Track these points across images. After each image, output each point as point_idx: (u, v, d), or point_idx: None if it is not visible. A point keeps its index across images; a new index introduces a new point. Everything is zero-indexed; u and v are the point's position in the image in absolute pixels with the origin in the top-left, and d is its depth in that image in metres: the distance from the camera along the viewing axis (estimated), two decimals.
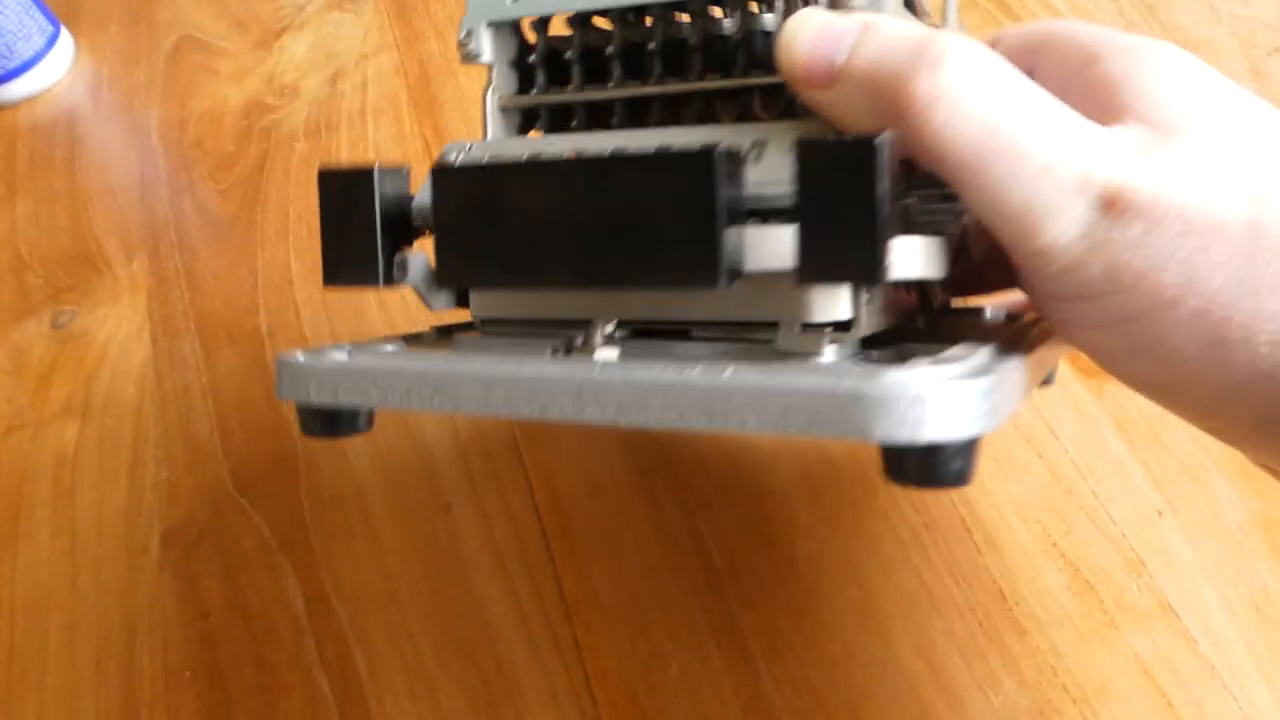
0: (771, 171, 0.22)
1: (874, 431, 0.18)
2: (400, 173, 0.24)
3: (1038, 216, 0.19)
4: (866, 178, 0.19)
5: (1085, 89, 0.21)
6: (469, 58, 0.26)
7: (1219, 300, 0.19)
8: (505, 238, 0.22)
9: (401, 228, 0.24)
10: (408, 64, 0.54)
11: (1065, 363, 0.36)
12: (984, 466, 0.35)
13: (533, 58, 0.26)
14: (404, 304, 0.44)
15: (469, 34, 0.26)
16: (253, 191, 0.51)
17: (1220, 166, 0.19)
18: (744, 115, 0.24)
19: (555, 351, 0.23)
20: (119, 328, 0.47)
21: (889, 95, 0.20)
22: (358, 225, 0.24)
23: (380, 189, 0.23)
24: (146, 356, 0.46)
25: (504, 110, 0.26)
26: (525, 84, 0.27)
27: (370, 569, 0.37)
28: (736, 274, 0.20)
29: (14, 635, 0.39)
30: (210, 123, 0.55)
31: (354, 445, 0.41)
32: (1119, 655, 0.31)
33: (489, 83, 0.26)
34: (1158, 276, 0.19)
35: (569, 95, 0.26)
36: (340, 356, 0.24)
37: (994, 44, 0.24)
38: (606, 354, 0.23)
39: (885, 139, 0.19)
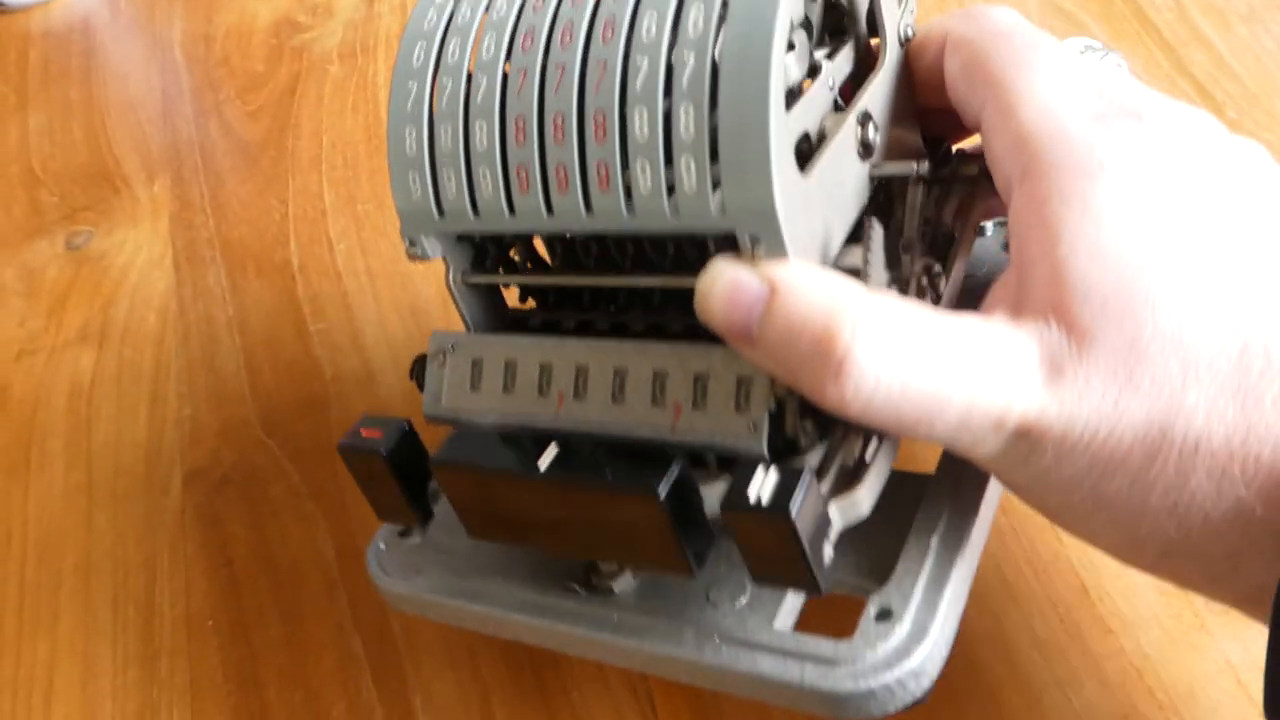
0: (717, 421, 0.24)
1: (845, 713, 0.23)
2: (410, 437, 0.27)
3: (966, 446, 0.21)
4: (790, 539, 0.21)
5: (1015, 222, 0.22)
6: (417, 259, 0.28)
7: (1125, 515, 0.21)
8: (507, 517, 0.26)
9: (425, 474, 0.28)
10: None
11: None
12: None
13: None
14: None
15: (411, 242, 0.27)
16: (283, 115, 0.48)
17: (1131, 385, 0.20)
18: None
19: (579, 588, 0.27)
20: (139, 253, 0.45)
21: (803, 382, 0.21)
22: (385, 489, 0.28)
23: (394, 463, 0.27)
24: (169, 285, 0.44)
25: (470, 286, 0.28)
26: (480, 255, 0.28)
27: None
28: (705, 554, 0.23)
29: (25, 571, 0.37)
30: (238, 39, 0.52)
31: (390, 389, 0.39)
32: (1209, 661, 0.29)
33: (446, 269, 0.28)
34: (1070, 493, 0.21)
35: (522, 279, 0.28)
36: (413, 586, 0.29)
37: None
38: (623, 586, 0.27)
39: (797, 505, 0.21)
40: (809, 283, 0.21)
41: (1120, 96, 0.22)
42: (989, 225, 0.31)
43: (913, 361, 0.20)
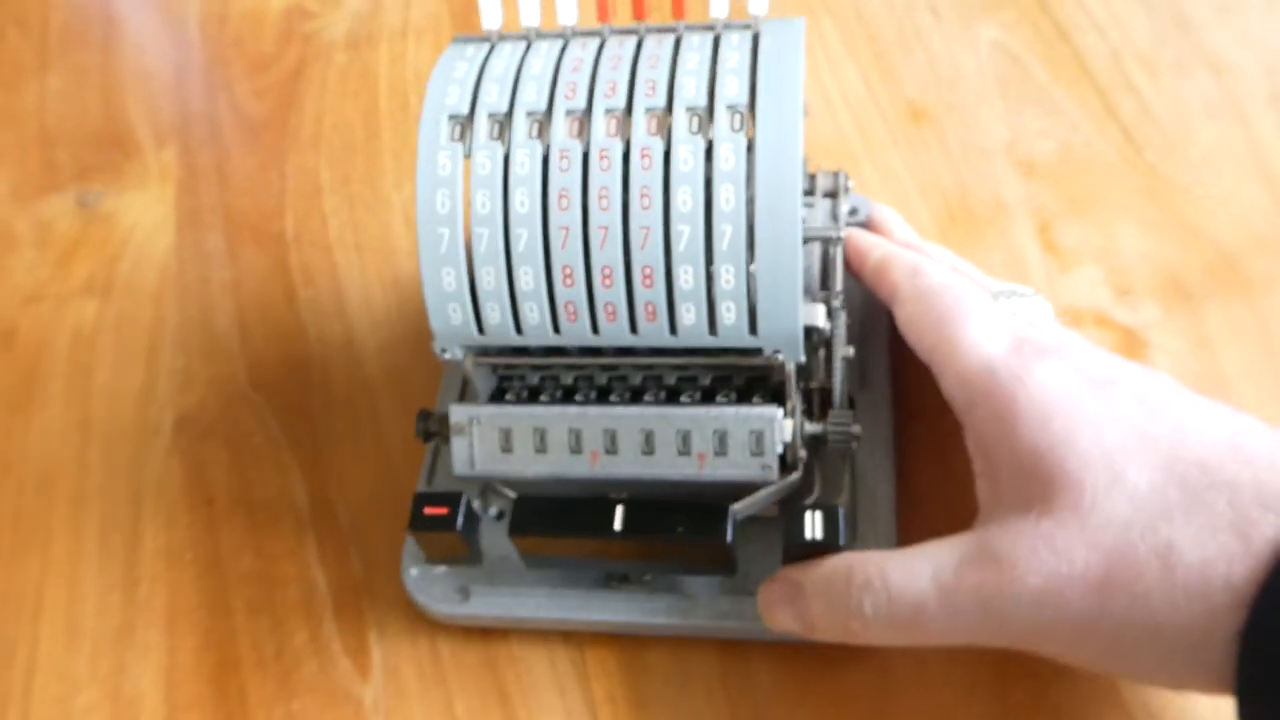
0: (736, 464, 0.29)
1: None
2: (469, 508, 0.31)
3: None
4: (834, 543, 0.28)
5: (972, 443, 0.28)
6: (447, 361, 0.31)
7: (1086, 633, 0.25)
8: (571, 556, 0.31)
9: (476, 523, 0.32)
10: None
11: None
12: None
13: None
14: None
15: (444, 350, 0.31)
16: (288, 96, 0.51)
17: (1086, 532, 0.24)
18: (706, 393, 0.31)
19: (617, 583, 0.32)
20: (145, 214, 0.48)
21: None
22: (453, 548, 0.32)
23: (465, 532, 0.31)
24: (170, 246, 0.47)
25: (478, 366, 0.32)
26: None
27: (375, 477, 0.39)
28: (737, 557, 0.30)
29: (22, 497, 0.40)
30: (251, 22, 0.55)
31: (368, 354, 0.42)
32: None
33: (465, 354, 0.31)
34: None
35: (538, 363, 0.31)
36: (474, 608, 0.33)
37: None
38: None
39: (844, 538, 0.28)
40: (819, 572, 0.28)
41: (1034, 338, 0.28)
42: None
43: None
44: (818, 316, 0.30)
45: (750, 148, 0.26)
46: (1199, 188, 0.41)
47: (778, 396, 0.30)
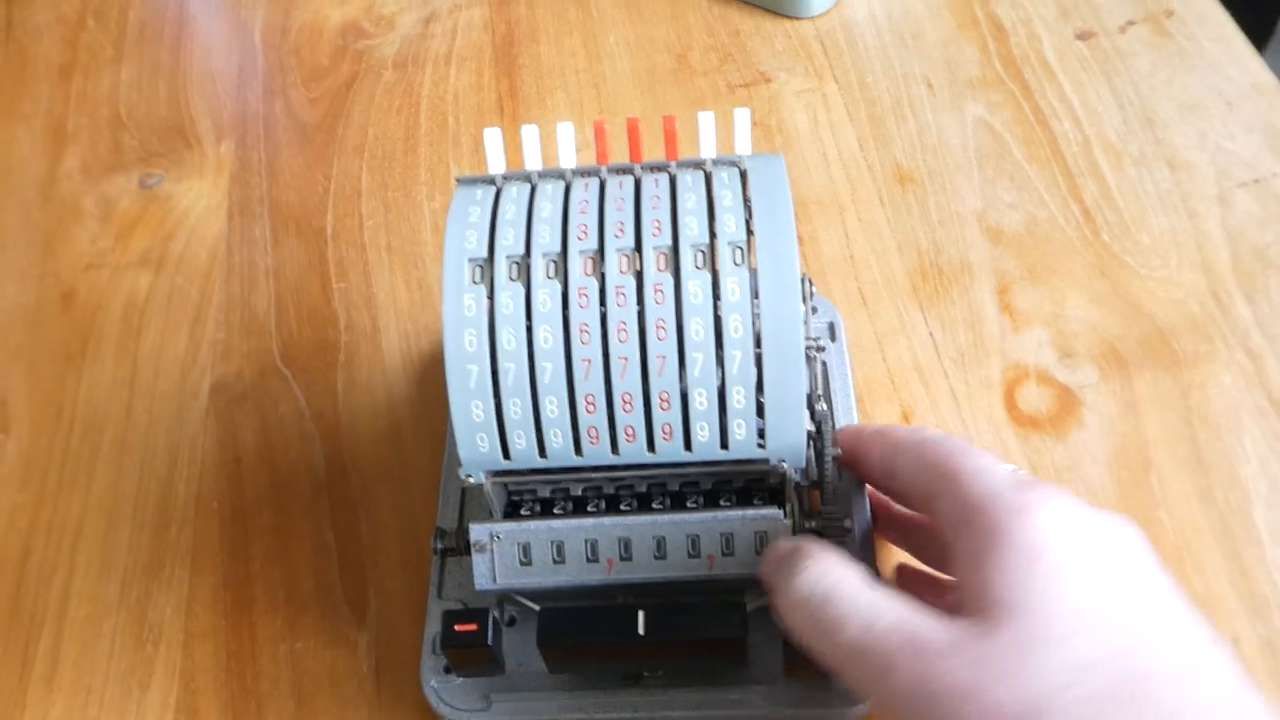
0: (744, 562, 0.33)
1: None
2: (496, 623, 0.34)
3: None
4: None
5: (960, 556, 0.28)
6: (472, 485, 0.33)
7: None
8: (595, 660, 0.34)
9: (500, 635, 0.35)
10: (496, 22, 0.60)
11: (1003, 410, 0.43)
12: None
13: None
14: None
15: (469, 475, 0.32)
16: (338, 106, 0.56)
17: (1022, 667, 0.25)
18: (709, 495, 0.34)
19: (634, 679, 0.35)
20: (200, 199, 0.53)
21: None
22: (481, 660, 0.34)
23: (493, 646, 0.33)
24: (221, 230, 0.52)
25: (494, 485, 0.33)
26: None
27: (387, 452, 0.44)
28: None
29: (70, 440, 0.45)
30: (310, 35, 0.60)
31: (390, 344, 0.47)
32: None
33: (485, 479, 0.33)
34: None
35: (551, 478, 0.33)
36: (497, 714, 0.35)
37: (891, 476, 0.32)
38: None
39: None
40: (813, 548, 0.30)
41: (1039, 483, 0.29)
42: None
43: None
44: (812, 425, 0.33)
45: (753, 281, 0.31)
46: (1145, 269, 0.46)
47: (775, 496, 0.33)
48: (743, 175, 0.33)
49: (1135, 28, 0.55)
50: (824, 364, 0.42)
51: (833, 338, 0.44)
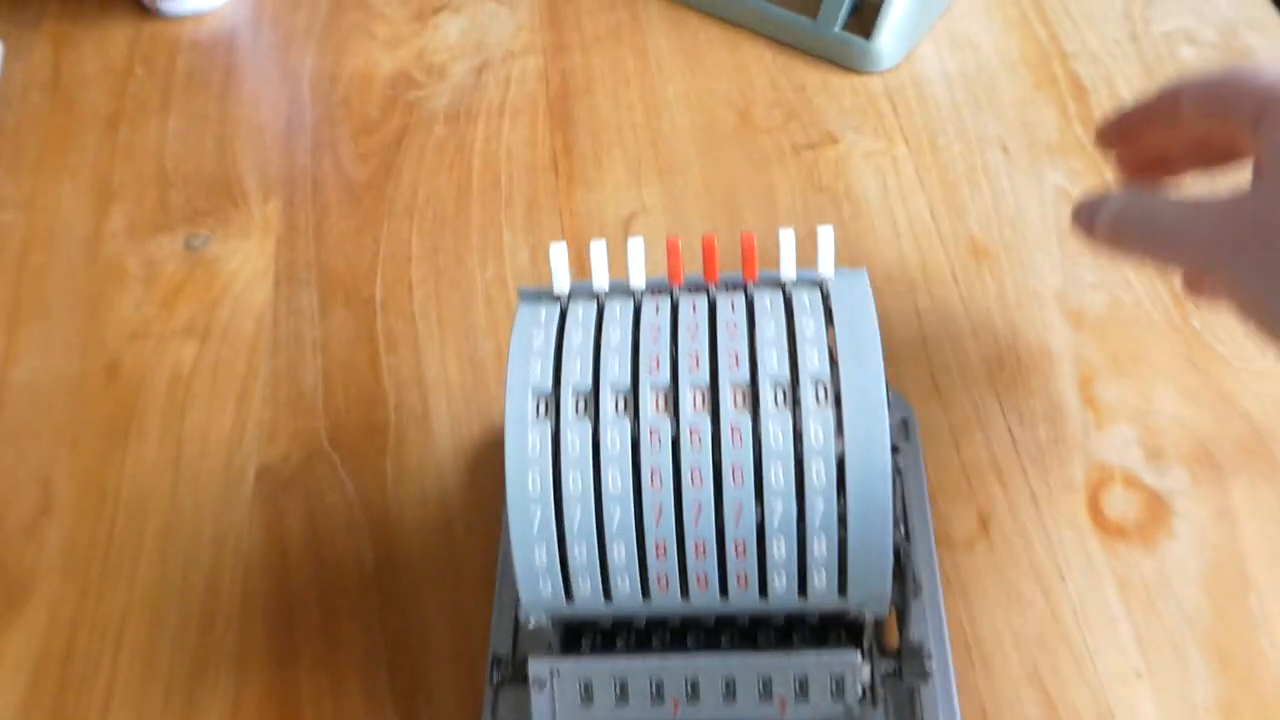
0: (818, 708, 0.31)
1: None
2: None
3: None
4: None
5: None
6: (529, 625, 0.31)
7: None
8: None
9: None
10: (551, 72, 0.58)
11: (1087, 517, 0.40)
12: (993, 592, 0.39)
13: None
14: (505, 303, 0.49)
15: (529, 617, 0.31)
16: (388, 163, 0.55)
17: None
18: (781, 632, 0.32)
19: None
20: (247, 263, 0.52)
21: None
22: None
23: None
24: (268, 298, 0.50)
25: (552, 621, 0.32)
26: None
27: (438, 546, 0.42)
28: None
29: (115, 526, 0.44)
30: (359, 85, 0.59)
31: (441, 428, 0.45)
32: None
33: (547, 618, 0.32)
34: None
35: (616, 613, 0.31)
36: None
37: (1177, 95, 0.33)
38: None
39: None
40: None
41: None
42: None
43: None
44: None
45: (837, 421, 0.28)
46: (1239, 360, 0.43)
47: (853, 633, 0.32)
48: (824, 297, 0.31)
49: None
50: (899, 470, 0.39)
51: (906, 436, 0.41)
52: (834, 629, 0.32)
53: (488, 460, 0.44)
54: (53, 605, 0.42)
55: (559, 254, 0.32)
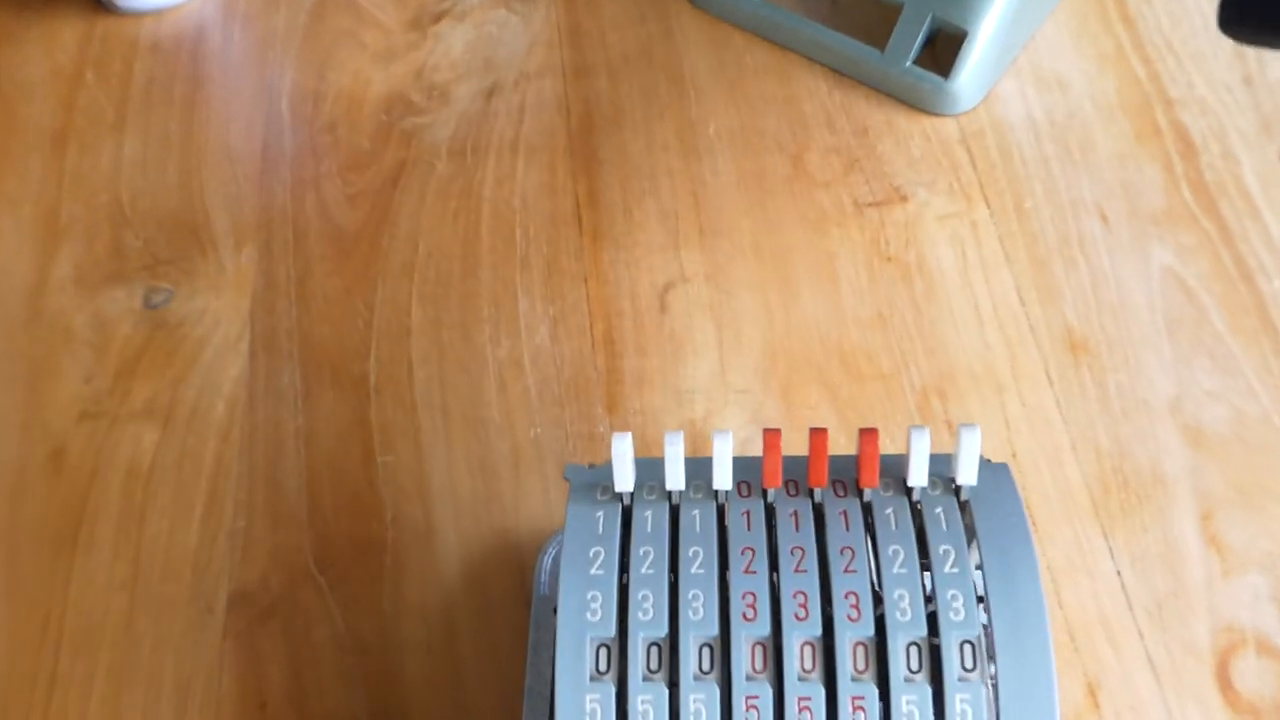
0: None
1: None
2: None
3: None
4: None
5: None
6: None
7: None
8: None
9: None
10: (572, 100, 0.50)
11: (1215, 690, 0.34)
12: None
13: None
14: (522, 392, 0.42)
15: None
16: (382, 207, 0.47)
17: None
18: None
19: None
20: (217, 328, 0.44)
21: None
22: None
23: None
24: (242, 373, 0.43)
25: None
26: None
27: (445, 700, 0.36)
28: None
29: (59, 663, 0.37)
30: (348, 107, 0.51)
31: (448, 550, 0.38)
32: None
33: None
34: None
35: None
36: None
37: None
38: None
39: None
40: None
41: None
42: None
43: None
44: None
45: (991, 695, 0.22)
46: None
47: None
48: (964, 510, 0.24)
49: None
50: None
51: None
52: None
53: (501, 590, 0.37)
54: None
55: (622, 450, 0.24)
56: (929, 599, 0.23)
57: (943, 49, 0.47)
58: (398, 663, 0.36)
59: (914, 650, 0.22)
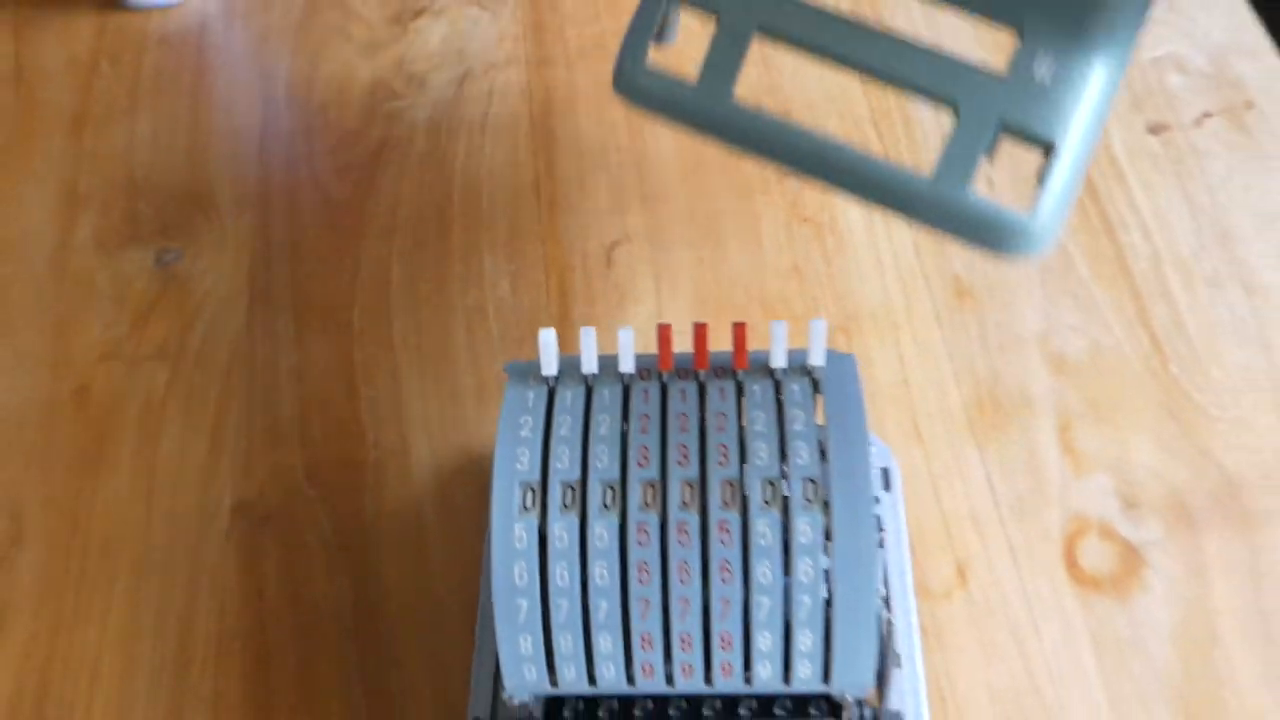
0: None
1: None
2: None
3: None
4: None
5: None
6: (512, 702, 0.32)
7: None
8: None
9: None
10: (534, 87, 0.56)
11: (1063, 569, 0.41)
12: (970, 645, 0.39)
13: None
14: (486, 335, 0.48)
15: (512, 696, 0.31)
16: (367, 180, 0.54)
17: None
18: (763, 702, 0.32)
19: None
20: (221, 283, 0.51)
21: None
22: None
23: None
24: (242, 323, 0.49)
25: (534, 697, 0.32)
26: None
27: (417, 590, 0.42)
28: None
29: (87, 560, 0.44)
30: (337, 91, 0.57)
31: (420, 466, 0.45)
32: None
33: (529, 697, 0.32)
34: None
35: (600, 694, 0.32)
36: None
37: None
38: None
39: None
40: None
41: None
42: None
43: None
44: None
45: (826, 520, 0.29)
46: (1216, 409, 0.44)
47: (834, 708, 0.32)
48: (815, 384, 0.31)
49: (1211, 120, 0.52)
50: (879, 522, 0.40)
51: (887, 486, 0.41)
52: (815, 699, 0.32)
53: (465, 498, 0.44)
54: (26, 641, 0.42)
55: (548, 342, 0.31)
56: (783, 450, 0.30)
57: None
58: (376, 557, 0.43)
59: (768, 487, 0.29)
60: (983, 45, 0.50)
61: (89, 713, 0.40)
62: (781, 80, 0.55)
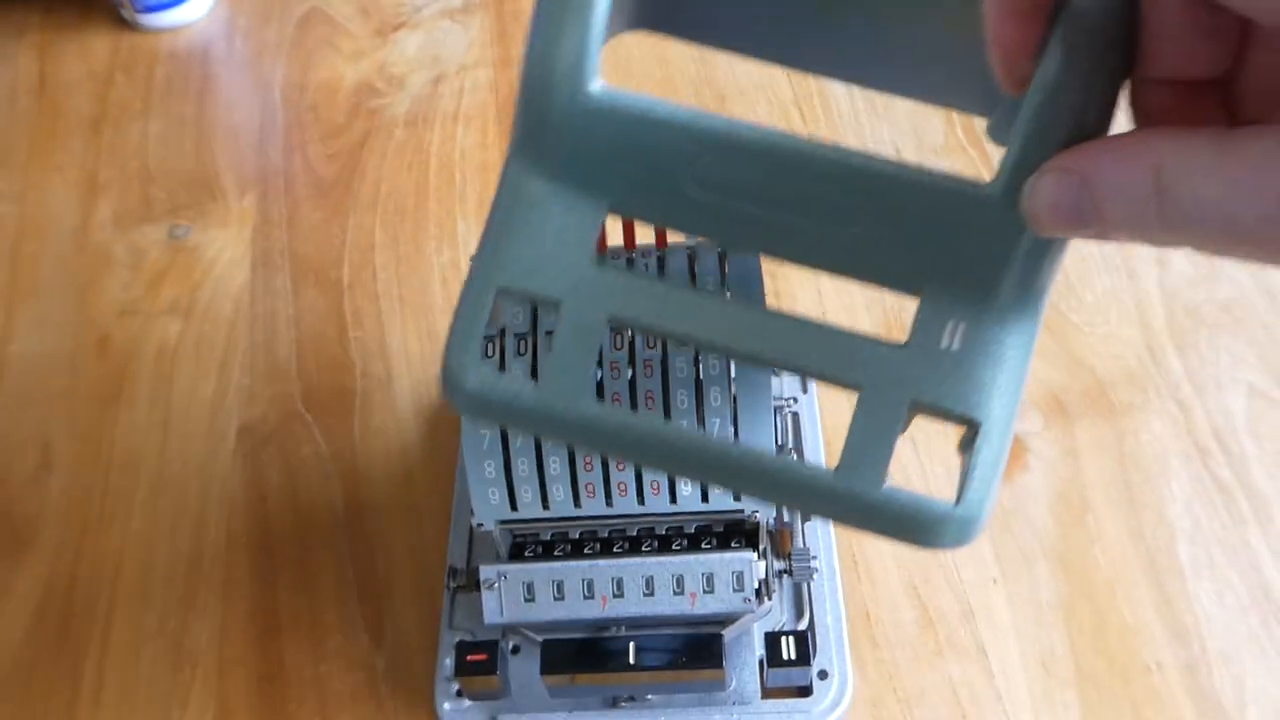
0: (722, 600, 0.37)
1: None
2: (504, 652, 0.39)
3: None
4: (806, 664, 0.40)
5: None
6: (483, 531, 0.37)
7: None
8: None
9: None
10: (500, 83, 0.64)
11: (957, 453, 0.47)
12: None
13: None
14: (459, 286, 0.55)
15: (480, 524, 0.37)
16: (353, 163, 0.61)
17: None
18: (692, 539, 0.38)
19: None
20: (225, 251, 0.58)
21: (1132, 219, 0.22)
22: (491, 686, 0.39)
23: (502, 675, 0.39)
24: (245, 281, 0.56)
25: (501, 531, 0.38)
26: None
27: (401, 493, 0.48)
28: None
29: (109, 478, 0.50)
30: (326, 93, 0.65)
31: (402, 392, 0.51)
32: (938, 675, 0.42)
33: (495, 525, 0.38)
34: None
35: (552, 525, 0.38)
36: None
37: None
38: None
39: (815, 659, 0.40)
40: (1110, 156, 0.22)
41: None
42: None
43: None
44: None
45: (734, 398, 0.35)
46: (1088, 326, 0.51)
47: (751, 540, 0.38)
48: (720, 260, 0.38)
49: None
50: (795, 414, 0.46)
51: (804, 389, 0.48)
52: (735, 536, 0.39)
53: (443, 421, 0.50)
54: (56, 546, 0.48)
55: None
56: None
57: None
58: (365, 466, 0.49)
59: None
60: None
61: (113, 600, 0.46)
62: (716, 73, 0.63)
